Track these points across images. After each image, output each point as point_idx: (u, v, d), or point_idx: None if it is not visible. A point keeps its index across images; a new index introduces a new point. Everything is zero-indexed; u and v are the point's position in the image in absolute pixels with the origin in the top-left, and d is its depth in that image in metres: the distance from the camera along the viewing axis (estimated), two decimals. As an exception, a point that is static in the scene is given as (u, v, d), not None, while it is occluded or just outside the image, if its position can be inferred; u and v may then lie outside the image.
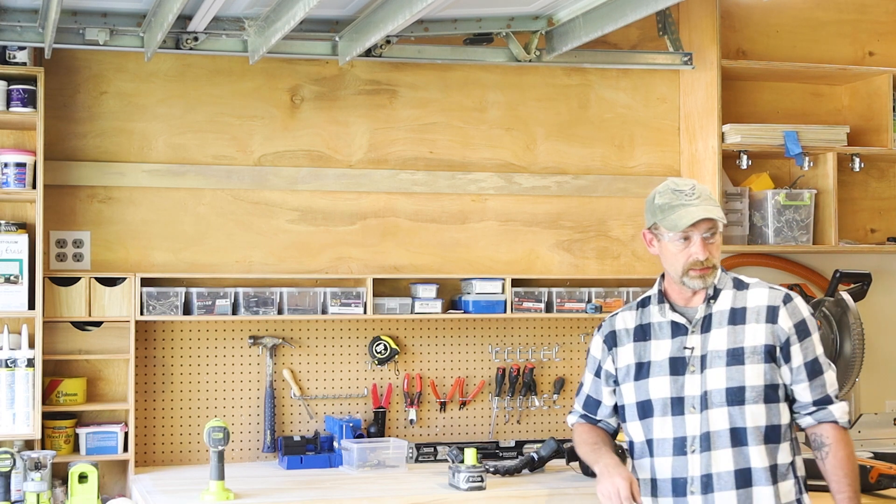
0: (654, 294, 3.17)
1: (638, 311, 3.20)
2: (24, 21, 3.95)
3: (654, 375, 3.09)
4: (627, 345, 3.17)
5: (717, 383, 3.02)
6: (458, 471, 3.85)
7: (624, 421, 3.20)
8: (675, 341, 3.09)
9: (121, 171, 4.34)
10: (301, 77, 4.55)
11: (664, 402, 3.06)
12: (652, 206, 3.09)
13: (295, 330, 4.50)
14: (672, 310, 3.12)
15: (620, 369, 3.17)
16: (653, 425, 3.09)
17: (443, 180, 4.66)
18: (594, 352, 3.25)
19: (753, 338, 3.04)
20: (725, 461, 3.00)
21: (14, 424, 4.01)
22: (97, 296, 4.18)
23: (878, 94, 4.91)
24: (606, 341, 3.22)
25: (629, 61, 4.74)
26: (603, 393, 3.24)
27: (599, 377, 3.24)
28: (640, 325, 3.16)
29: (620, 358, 3.18)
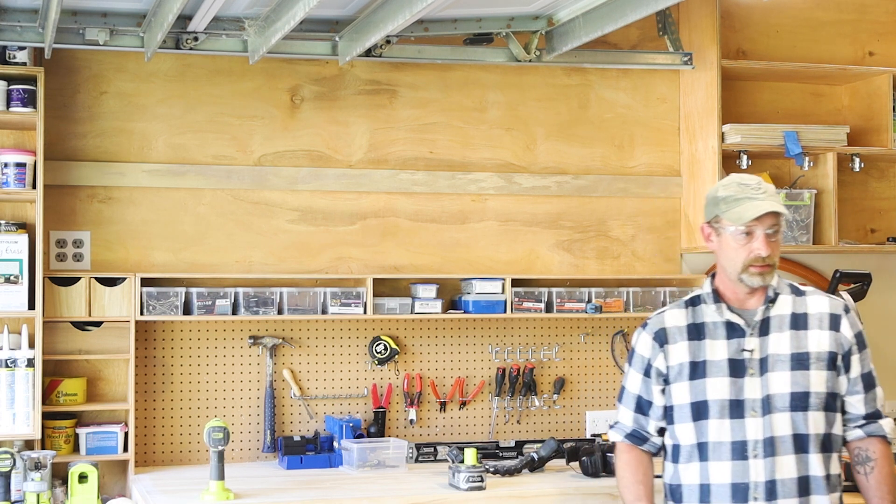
0: (707, 293, 3.09)
1: (688, 310, 3.11)
2: (24, 21, 3.95)
3: (712, 376, 3.01)
4: (680, 342, 3.07)
5: (781, 387, 2.96)
6: (458, 471, 3.85)
7: (671, 423, 3.10)
8: (732, 343, 3.02)
9: (121, 171, 4.34)
10: (301, 77, 4.55)
11: (721, 403, 2.99)
12: (714, 198, 3.02)
13: (295, 330, 4.50)
14: (729, 310, 3.05)
15: (672, 367, 3.07)
16: (708, 428, 3.00)
17: (443, 180, 4.66)
18: (641, 350, 3.13)
19: (818, 344, 3.00)
20: (789, 468, 2.94)
21: (14, 424, 4.01)
22: (97, 296, 4.18)
23: (878, 94, 4.91)
24: (657, 338, 3.10)
25: (629, 61, 4.74)
26: (654, 392, 3.12)
27: (649, 376, 3.12)
28: (693, 323, 3.08)
29: (672, 355, 3.08)
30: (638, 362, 3.15)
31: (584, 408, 4.80)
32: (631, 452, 3.16)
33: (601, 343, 4.83)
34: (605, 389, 4.82)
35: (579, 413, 4.79)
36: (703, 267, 4.93)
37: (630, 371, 3.17)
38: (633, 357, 3.16)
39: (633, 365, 3.16)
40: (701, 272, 4.89)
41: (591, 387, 4.81)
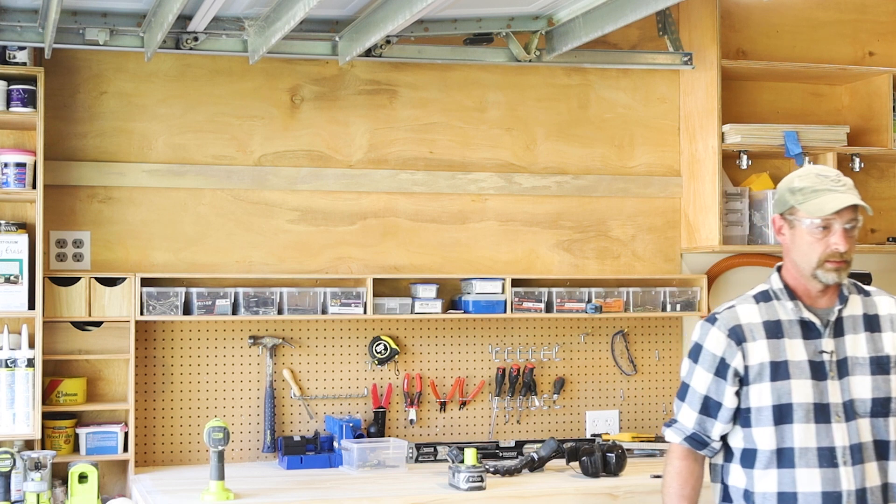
0: (779, 289, 2.92)
1: (760, 306, 2.93)
2: (24, 21, 3.95)
3: (796, 377, 2.84)
4: (760, 341, 2.88)
5: (863, 392, 2.84)
6: (458, 471, 3.85)
7: (747, 426, 2.90)
8: (809, 343, 2.87)
9: (121, 171, 4.34)
10: (301, 77, 4.55)
11: (807, 407, 2.82)
12: (790, 188, 2.86)
13: (295, 330, 4.50)
14: (806, 308, 2.89)
15: (752, 367, 2.87)
16: (793, 432, 2.82)
17: (443, 180, 4.66)
18: (713, 348, 2.90)
19: (893, 347, 2.89)
20: (874, 475, 2.83)
21: (14, 424, 4.01)
22: (97, 296, 4.18)
23: (878, 94, 4.91)
24: (733, 335, 2.89)
25: (629, 61, 4.74)
26: (726, 394, 2.90)
27: (723, 376, 2.89)
28: (770, 320, 2.90)
29: (752, 355, 2.87)
30: (707, 360, 2.91)
31: (584, 408, 4.80)
32: (685, 460, 2.98)
33: (601, 343, 4.83)
34: (605, 389, 4.83)
35: (579, 413, 4.79)
36: (703, 267, 4.93)
37: (696, 369, 2.94)
38: (701, 354, 2.93)
39: (700, 362, 2.93)
40: (701, 272, 4.89)
41: (591, 387, 4.81)
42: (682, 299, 4.75)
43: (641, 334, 4.88)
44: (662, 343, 4.90)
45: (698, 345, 2.95)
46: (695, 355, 2.95)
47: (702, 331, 2.95)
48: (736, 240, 4.77)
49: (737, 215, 4.78)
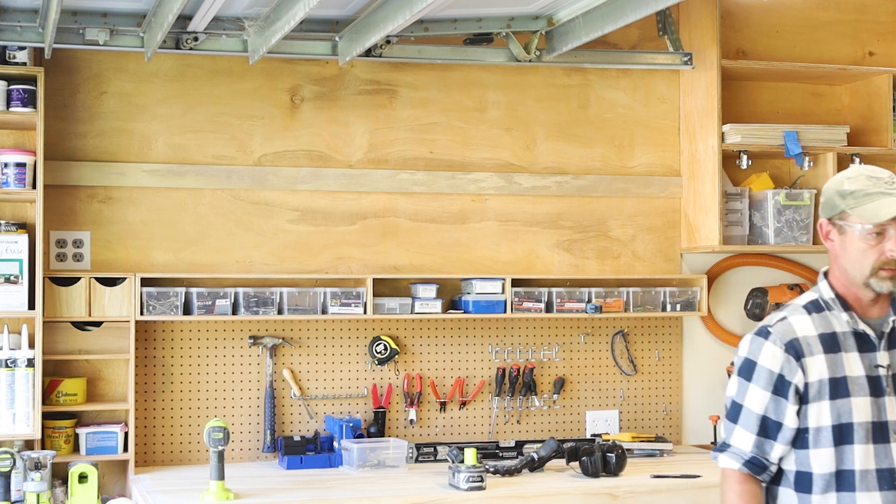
0: (831, 298, 2.72)
1: (812, 316, 2.71)
2: (24, 21, 3.95)
3: (855, 395, 2.65)
4: (818, 355, 2.66)
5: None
6: (458, 471, 3.85)
7: (803, 447, 2.68)
8: (864, 357, 2.68)
9: (121, 171, 4.34)
10: (301, 77, 4.55)
11: (866, 427, 2.64)
12: (839, 192, 2.67)
13: (295, 330, 4.50)
14: (860, 319, 2.70)
15: (812, 384, 2.65)
16: (853, 454, 2.63)
17: (443, 180, 4.66)
18: (768, 363, 2.66)
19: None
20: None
21: (14, 424, 4.01)
22: (97, 296, 4.18)
23: (878, 94, 4.91)
24: (790, 350, 2.66)
25: (629, 61, 4.74)
26: (787, 413, 2.66)
27: (783, 395, 2.66)
28: (825, 333, 2.69)
29: (812, 370, 2.65)
30: (763, 377, 2.67)
31: (584, 408, 4.80)
32: (746, 483, 2.71)
33: (601, 343, 4.83)
34: (605, 389, 4.83)
35: (579, 413, 4.79)
36: (703, 267, 4.93)
37: (751, 387, 2.69)
38: (756, 371, 2.69)
39: (754, 380, 2.69)
40: (701, 272, 4.89)
41: (591, 387, 4.81)
42: (682, 299, 4.75)
43: (641, 334, 4.88)
44: (662, 343, 4.90)
45: (751, 361, 2.70)
46: (747, 372, 2.70)
47: (753, 345, 2.71)
48: (736, 240, 4.77)
49: (737, 215, 4.78)
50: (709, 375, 4.95)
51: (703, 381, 4.95)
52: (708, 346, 4.93)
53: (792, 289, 4.84)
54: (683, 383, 4.93)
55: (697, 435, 4.92)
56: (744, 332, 4.99)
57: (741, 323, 4.99)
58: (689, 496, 3.97)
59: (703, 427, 4.89)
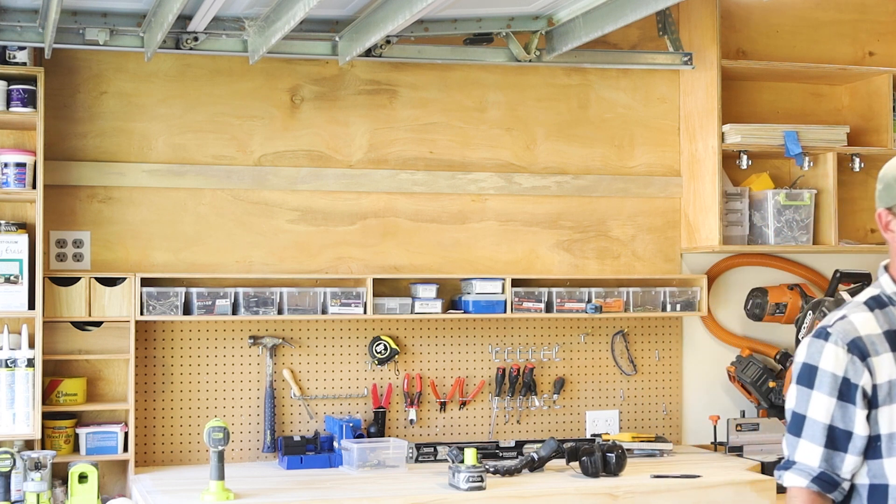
0: (893, 293, 2.49)
1: (875, 313, 2.47)
2: (24, 21, 3.95)
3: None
4: (885, 354, 2.42)
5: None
6: (458, 471, 3.84)
7: (876, 457, 2.41)
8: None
9: (121, 171, 4.34)
10: (301, 77, 4.55)
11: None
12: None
13: (295, 330, 4.50)
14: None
15: (881, 386, 2.40)
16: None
17: (443, 180, 4.66)
18: (831, 366, 2.40)
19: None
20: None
21: (14, 424, 4.01)
22: (97, 296, 4.18)
23: (878, 94, 4.91)
24: (854, 350, 2.40)
25: (629, 61, 4.74)
26: (857, 420, 2.39)
27: (850, 399, 2.39)
28: (891, 330, 2.45)
29: (879, 371, 2.40)
30: (827, 382, 2.40)
31: (584, 408, 4.80)
32: (817, 503, 2.44)
33: (601, 343, 4.83)
34: (605, 389, 4.82)
35: (579, 413, 4.79)
36: (703, 267, 4.93)
37: (813, 395, 2.42)
38: (817, 376, 2.42)
39: (816, 387, 2.42)
40: (701, 272, 4.89)
41: (591, 387, 4.81)
42: (682, 299, 4.75)
43: (641, 334, 4.88)
44: (662, 343, 4.90)
45: (810, 366, 2.44)
46: (807, 379, 2.43)
47: (811, 349, 2.45)
48: (736, 240, 4.77)
49: (737, 215, 4.78)
50: (709, 375, 4.95)
51: (703, 381, 4.95)
52: (708, 346, 4.93)
53: (792, 289, 4.84)
54: (683, 383, 4.93)
55: (697, 435, 4.92)
56: (744, 333, 4.99)
57: (741, 323, 4.99)
58: (689, 496, 3.97)
59: (703, 427, 4.89)
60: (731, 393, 4.94)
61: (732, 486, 4.02)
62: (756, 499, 4.02)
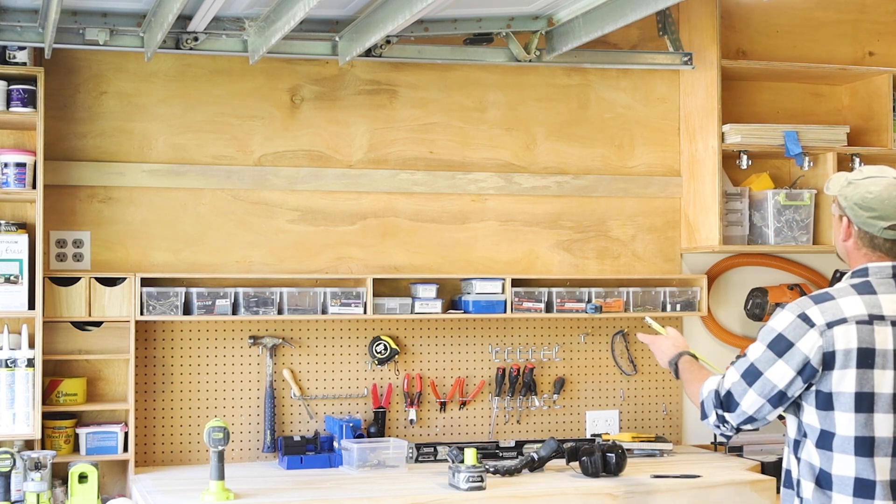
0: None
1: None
2: (24, 21, 3.95)
3: None
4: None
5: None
6: (458, 471, 3.85)
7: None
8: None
9: (121, 171, 4.34)
10: (301, 77, 4.55)
11: None
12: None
13: (295, 330, 4.50)
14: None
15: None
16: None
17: (443, 180, 4.66)
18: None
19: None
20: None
21: (14, 424, 4.01)
22: (97, 296, 4.18)
23: (878, 94, 4.91)
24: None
25: (629, 61, 4.74)
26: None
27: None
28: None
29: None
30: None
31: (584, 408, 4.80)
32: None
33: (601, 343, 4.83)
34: (605, 389, 4.83)
35: (579, 413, 4.79)
36: (703, 267, 4.93)
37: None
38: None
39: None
40: (701, 272, 4.89)
41: (591, 387, 4.81)
42: (682, 299, 4.75)
43: (641, 334, 4.88)
44: (662, 343, 4.89)
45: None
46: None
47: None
48: (736, 240, 4.77)
49: (737, 215, 4.79)
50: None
51: (703, 381, 4.94)
52: (708, 346, 4.93)
53: (792, 289, 4.84)
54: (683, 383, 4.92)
55: (697, 435, 4.92)
56: (744, 333, 5.00)
57: (741, 323, 4.99)
58: (689, 496, 3.97)
59: (703, 427, 4.89)
60: (731, 393, 4.93)
61: (732, 486, 4.02)
62: (756, 499, 4.02)
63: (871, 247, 2.82)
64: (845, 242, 2.86)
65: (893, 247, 2.81)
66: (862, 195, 2.81)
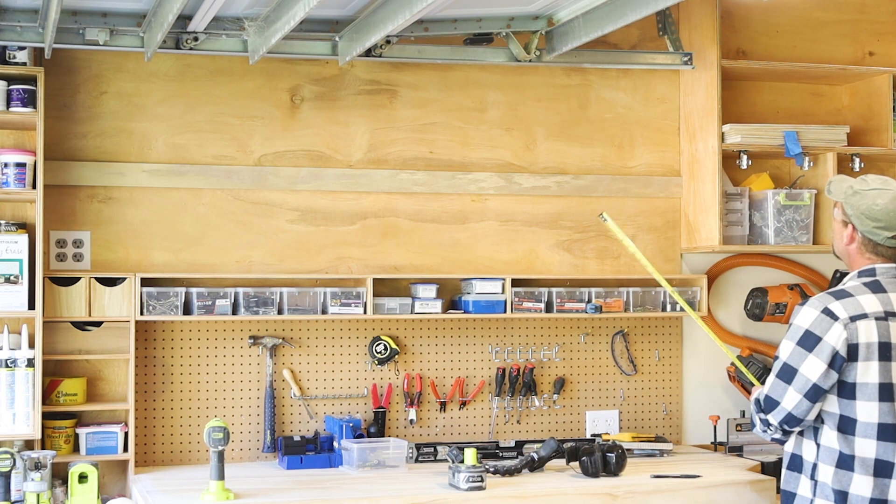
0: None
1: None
2: (24, 21, 3.95)
3: None
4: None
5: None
6: (458, 471, 3.85)
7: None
8: None
9: (121, 171, 4.34)
10: (301, 77, 4.55)
11: None
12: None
13: (295, 330, 4.50)
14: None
15: None
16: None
17: (443, 180, 4.66)
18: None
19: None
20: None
21: (14, 424, 4.01)
22: (97, 296, 4.18)
23: (878, 94, 4.91)
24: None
25: (629, 61, 4.74)
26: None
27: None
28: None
29: None
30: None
31: (584, 408, 4.80)
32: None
33: (601, 343, 4.83)
34: (605, 389, 4.83)
35: (579, 413, 4.79)
36: (703, 267, 4.93)
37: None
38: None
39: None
40: (701, 272, 4.89)
41: (591, 387, 4.81)
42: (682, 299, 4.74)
43: (641, 334, 4.88)
44: (662, 343, 4.90)
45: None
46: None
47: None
48: (736, 240, 4.77)
49: (737, 215, 4.78)
50: (709, 375, 4.95)
51: (703, 381, 4.95)
52: (708, 346, 4.93)
53: (792, 289, 4.84)
54: (683, 383, 4.93)
55: (697, 435, 4.92)
56: (744, 333, 5.00)
57: (741, 323, 4.99)
58: (689, 496, 3.97)
59: (703, 427, 4.89)
60: (731, 393, 4.94)
61: (732, 486, 4.02)
62: (756, 499, 4.02)
63: (874, 252, 3.14)
64: (848, 246, 3.19)
65: (895, 253, 3.15)
66: (869, 206, 3.12)
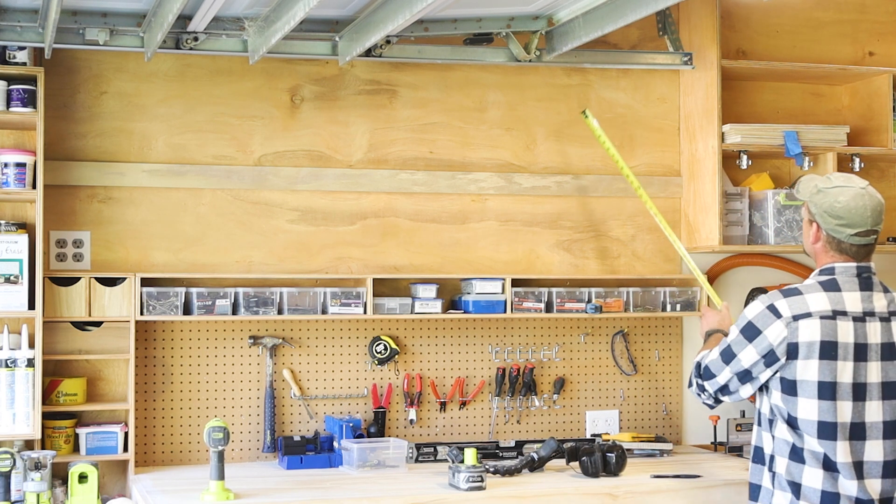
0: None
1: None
2: (24, 21, 3.95)
3: None
4: None
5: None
6: (458, 471, 3.85)
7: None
8: None
9: (121, 171, 4.34)
10: (301, 77, 4.55)
11: None
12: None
13: (295, 330, 4.50)
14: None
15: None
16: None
17: (443, 180, 4.66)
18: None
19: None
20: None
21: (14, 424, 4.01)
22: (97, 296, 4.18)
23: (878, 94, 4.91)
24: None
25: (629, 61, 4.74)
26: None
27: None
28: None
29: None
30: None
31: (584, 408, 4.80)
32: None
33: (601, 343, 4.83)
34: (605, 389, 4.83)
35: (579, 413, 4.79)
36: (703, 267, 4.93)
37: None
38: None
39: None
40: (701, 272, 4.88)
41: (591, 387, 4.81)
42: (682, 299, 4.75)
43: (641, 334, 4.88)
44: (662, 343, 4.90)
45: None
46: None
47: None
48: (736, 240, 4.77)
49: (737, 215, 4.79)
50: (709, 375, 4.94)
51: (703, 381, 4.94)
52: (708, 346, 4.93)
53: (792, 289, 4.84)
54: (683, 383, 4.93)
55: (697, 435, 4.92)
56: (744, 332, 4.99)
57: (741, 323, 4.98)
58: (689, 496, 3.97)
59: (703, 427, 4.89)
60: (731, 393, 4.94)
61: (732, 486, 4.01)
62: (756, 499, 4.02)
63: (838, 250, 3.20)
64: (814, 245, 3.24)
65: (859, 250, 3.19)
66: (831, 204, 3.17)
